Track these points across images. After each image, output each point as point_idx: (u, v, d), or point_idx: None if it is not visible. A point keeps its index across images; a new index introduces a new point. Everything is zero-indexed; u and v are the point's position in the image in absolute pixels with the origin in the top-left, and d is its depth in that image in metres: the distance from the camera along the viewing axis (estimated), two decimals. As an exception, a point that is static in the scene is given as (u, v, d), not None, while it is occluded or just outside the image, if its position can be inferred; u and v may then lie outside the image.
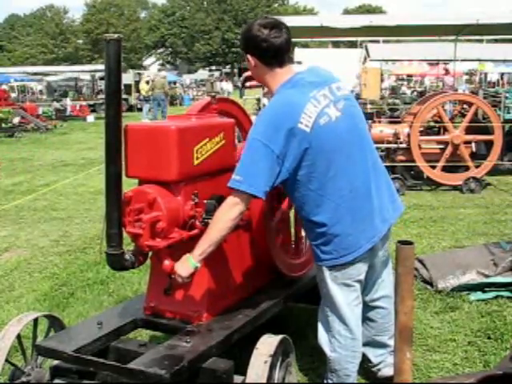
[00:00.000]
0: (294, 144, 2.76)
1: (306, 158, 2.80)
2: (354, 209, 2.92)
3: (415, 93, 25.23)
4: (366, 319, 3.31)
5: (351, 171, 2.91)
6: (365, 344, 3.33)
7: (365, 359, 3.40)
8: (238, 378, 2.91)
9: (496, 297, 4.86)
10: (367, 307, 3.29)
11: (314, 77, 2.98)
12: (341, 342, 3.12)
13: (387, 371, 3.39)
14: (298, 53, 28.18)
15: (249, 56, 2.95)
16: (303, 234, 3.98)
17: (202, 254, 2.88)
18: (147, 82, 26.67)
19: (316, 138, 2.79)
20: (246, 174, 2.76)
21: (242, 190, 2.76)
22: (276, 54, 2.89)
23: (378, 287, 3.30)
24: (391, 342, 3.40)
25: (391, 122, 10.83)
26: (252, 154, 2.78)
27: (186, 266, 2.92)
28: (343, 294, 3.05)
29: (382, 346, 3.42)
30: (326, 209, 2.89)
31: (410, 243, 1.97)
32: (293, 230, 4.05)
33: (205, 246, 2.87)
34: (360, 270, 3.04)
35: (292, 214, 3.96)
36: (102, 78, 30.86)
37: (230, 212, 2.83)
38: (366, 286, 3.23)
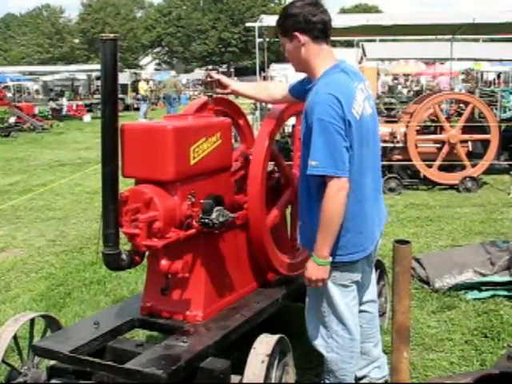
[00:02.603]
0: (349, 128, 2.71)
1: (352, 144, 2.75)
2: (368, 208, 2.92)
3: (411, 92, 25.27)
4: None
5: (371, 169, 2.92)
6: None
7: None
8: (235, 378, 2.91)
9: (492, 296, 4.87)
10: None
11: (352, 70, 2.97)
12: (339, 342, 3.08)
13: None
14: (295, 52, 28.14)
15: (297, 34, 2.83)
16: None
17: (329, 249, 2.80)
18: (146, 82, 26.70)
19: (360, 128, 2.77)
20: (329, 157, 2.66)
21: (331, 174, 2.67)
22: (325, 27, 2.84)
23: (366, 291, 3.29)
24: (376, 352, 3.36)
25: (388, 122, 10.84)
26: (326, 136, 2.67)
27: (321, 269, 2.84)
28: (342, 294, 3.03)
29: (367, 354, 3.33)
30: (349, 203, 2.78)
31: (407, 242, 1.97)
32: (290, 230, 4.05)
33: (326, 241, 2.78)
34: (358, 271, 3.04)
35: (288, 214, 3.96)
36: (98, 78, 30.83)
37: (337, 199, 2.71)
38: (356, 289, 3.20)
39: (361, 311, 3.28)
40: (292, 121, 4.17)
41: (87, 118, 27.00)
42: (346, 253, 2.92)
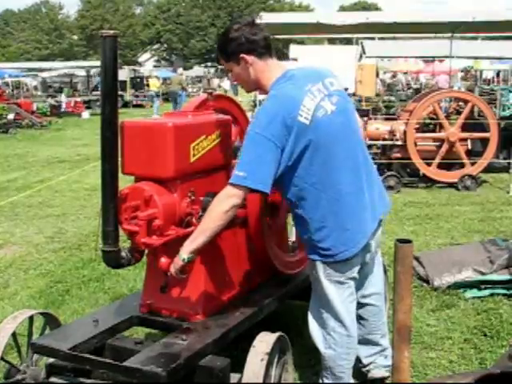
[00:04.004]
0: (294, 137, 2.73)
1: (306, 151, 2.77)
2: (350, 203, 2.91)
3: (411, 90, 25.25)
4: (357, 318, 3.26)
5: (347, 166, 2.90)
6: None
7: (355, 359, 3.39)
8: (234, 376, 2.90)
9: (492, 294, 4.86)
10: (358, 305, 3.25)
11: (306, 72, 3.00)
12: (336, 338, 3.10)
13: (377, 373, 3.39)
14: (294, 49, 28.11)
15: (243, 55, 2.90)
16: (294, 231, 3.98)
17: (191, 245, 2.82)
18: (157, 78, 26.85)
19: (315, 131, 2.77)
20: (250, 169, 2.70)
21: (247, 186, 2.70)
22: (266, 43, 2.93)
23: (369, 284, 3.29)
24: (383, 342, 3.40)
25: (387, 119, 10.82)
26: (254, 149, 2.72)
27: (175, 260, 2.88)
28: (337, 291, 3.03)
29: (374, 344, 3.40)
30: (324, 203, 2.86)
31: (409, 241, 1.96)
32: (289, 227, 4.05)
33: (194, 235, 2.82)
34: (354, 267, 3.03)
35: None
36: (97, 75, 30.78)
37: (222, 204, 2.76)
38: (357, 282, 3.20)
39: (365, 304, 3.31)
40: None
41: (86, 114, 26.93)
42: (337, 252, 2.92)
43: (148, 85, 34.84)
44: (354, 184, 2.92)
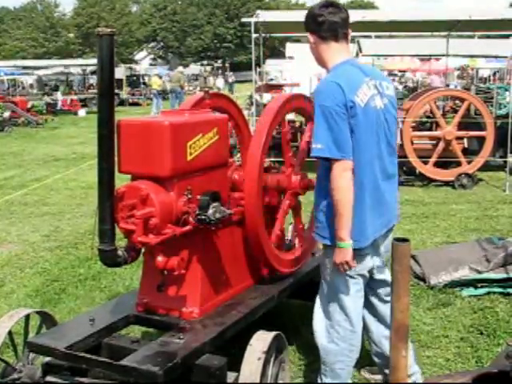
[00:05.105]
0: (351, 113, 2.85)
1: (354, 129, 2.87)
2: (373, 198, 2.99)
3: (407, 87, 25.25)
4: (383, 316, 3.27)
5: (377, 161, 3.00)
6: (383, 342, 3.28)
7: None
8: (231, 375, 2.90)
9: (488, 293, 4.88)
10: (384, 303, 3.25)
11: (368, 68, 3.23)
12: (340, 332, 3.10)
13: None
14: (290, 47, 28.11)
15: (309, 34, 3.09)
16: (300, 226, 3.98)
17: (344, 231, 2.86)
18: (159, 77, 26.83)
19: (366, 115, 2.90)
20: (332, 140, 2.81)
21: (335, 157, 2.81)
22: (331, 27, 3.03)
23: (381, 289, 3.29)
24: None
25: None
26: (328, 121, 2.83)
27: (342, 252, 2.89)
28: (346, 284, 3.05)
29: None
30: (355, 188, 2.89)
31: (406, 240, 1.96)
32: (286, 226, 4.04)
33: (341, 222, 2.85)
34: (364, 263, 3.05)
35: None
36: (93, 73, 30.75)
37: (341, 181, 2.83)
38: (379, 282, 3.23)
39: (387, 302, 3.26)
40: (290, 117, 4.17)
41: (82, 112, 26.86)
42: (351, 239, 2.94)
43: (145, 83, 34.81)
44: (378, 182, 3.02)
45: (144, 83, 34.78)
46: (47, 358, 3.12)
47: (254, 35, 10.58)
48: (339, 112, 2.82)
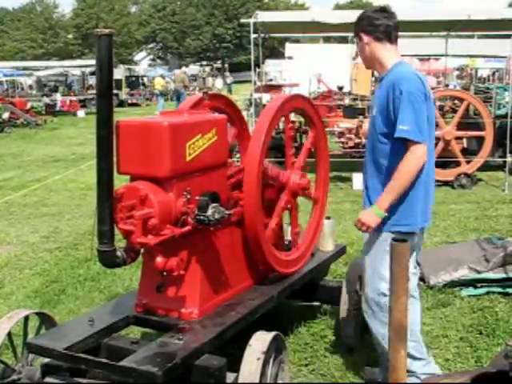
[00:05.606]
0: (427, 103, 3.10)
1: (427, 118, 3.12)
2: (427, 188, 3.24)
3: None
4: None
5: (431, 156, 3.28)
6: None
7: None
8: (230, 375, 2.90)
9: (487, 293, 4.87)
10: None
11: (415, 70, 3.40)
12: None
13: None
14: (289, 48, 28.07)
15: (362, 34, 3.27)
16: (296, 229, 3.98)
17: (387, 199, 3.07)
18: (163, 77, 26.86)
19: (430, 107, 3.17)
20: (416, 125, 3.00)
21: (418, 140, 3.00)
22: (386, 30, 3.25)
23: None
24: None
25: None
26: (414, 107, 3.01)
27: (373, 216, 3.08)
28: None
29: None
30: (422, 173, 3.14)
31: (405, 241, 1.96)
32: (285, 226, 4.05)
33: (391, 197, 3.07)
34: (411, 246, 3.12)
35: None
36: (92, 73, 30.72)
37: (418, 163, 3.05)
38: None
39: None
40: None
41: (81, 113, 26.87)
42: (404, 223, 3.15)
43: (144, 84, 34.80)
44: (430, 176, 3.32)
45: (143, 84, 34.79)
46: (46, 359, 3.12)
47: (253, 36, 10.57)
48: (422, 99, 3.05)
